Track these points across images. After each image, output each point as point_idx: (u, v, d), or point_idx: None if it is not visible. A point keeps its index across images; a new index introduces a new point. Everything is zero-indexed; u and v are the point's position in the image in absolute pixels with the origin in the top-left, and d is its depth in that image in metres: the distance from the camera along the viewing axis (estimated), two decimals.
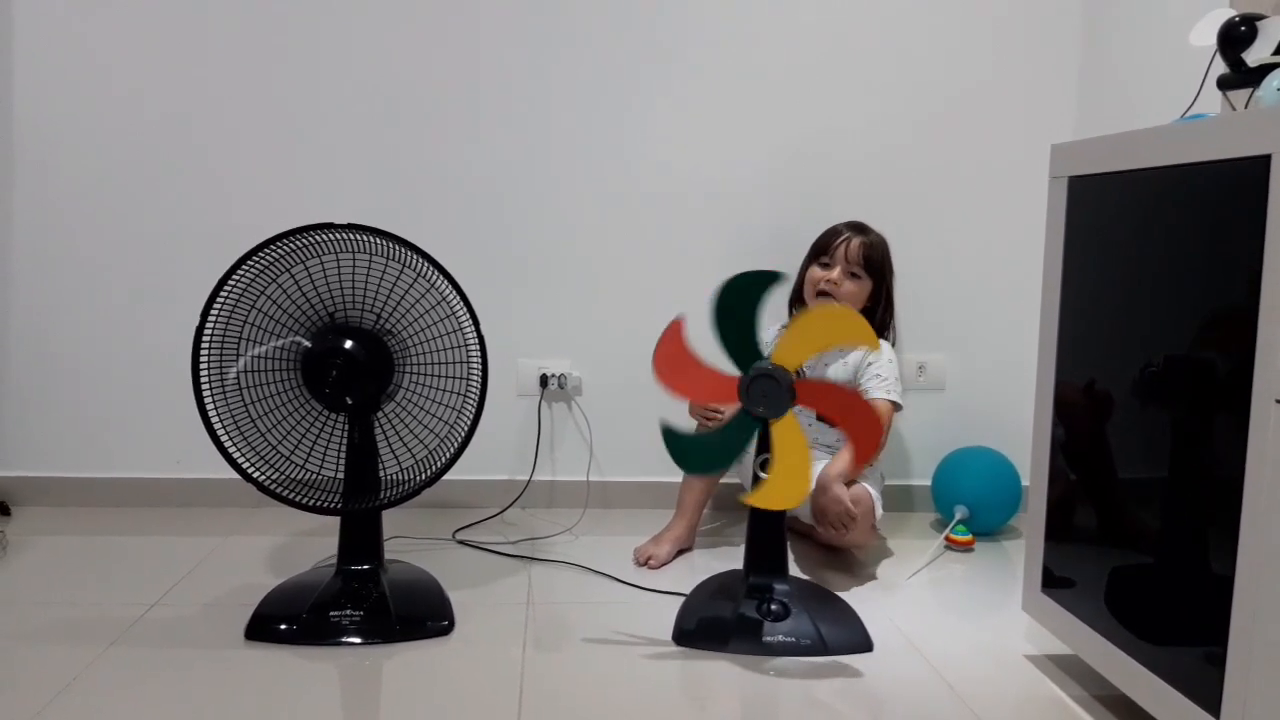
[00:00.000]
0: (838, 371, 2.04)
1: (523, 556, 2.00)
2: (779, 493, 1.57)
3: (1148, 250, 1.28)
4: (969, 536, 2.11)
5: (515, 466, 2.32)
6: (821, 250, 2.07)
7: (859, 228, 2.07)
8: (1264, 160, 1.05)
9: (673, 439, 1.61)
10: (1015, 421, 2.11)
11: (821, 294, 2.04)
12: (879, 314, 2.08)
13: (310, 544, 2.01)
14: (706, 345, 1.58)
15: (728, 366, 1.57)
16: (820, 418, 2.01)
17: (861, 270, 2.04)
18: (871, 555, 2.05)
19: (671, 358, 1.59)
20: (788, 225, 2.19)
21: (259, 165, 2.23)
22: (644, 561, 1.95)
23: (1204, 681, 1.14)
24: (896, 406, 1.99)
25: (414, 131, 2.24)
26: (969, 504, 2.13)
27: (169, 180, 2.22)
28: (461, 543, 2.08)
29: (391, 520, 2.08)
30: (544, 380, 2.30)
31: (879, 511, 1.97)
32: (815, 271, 2.06)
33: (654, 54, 2.25)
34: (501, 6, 2.22)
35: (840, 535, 1.88)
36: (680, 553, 2.01)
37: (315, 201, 2.21)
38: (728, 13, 2.25)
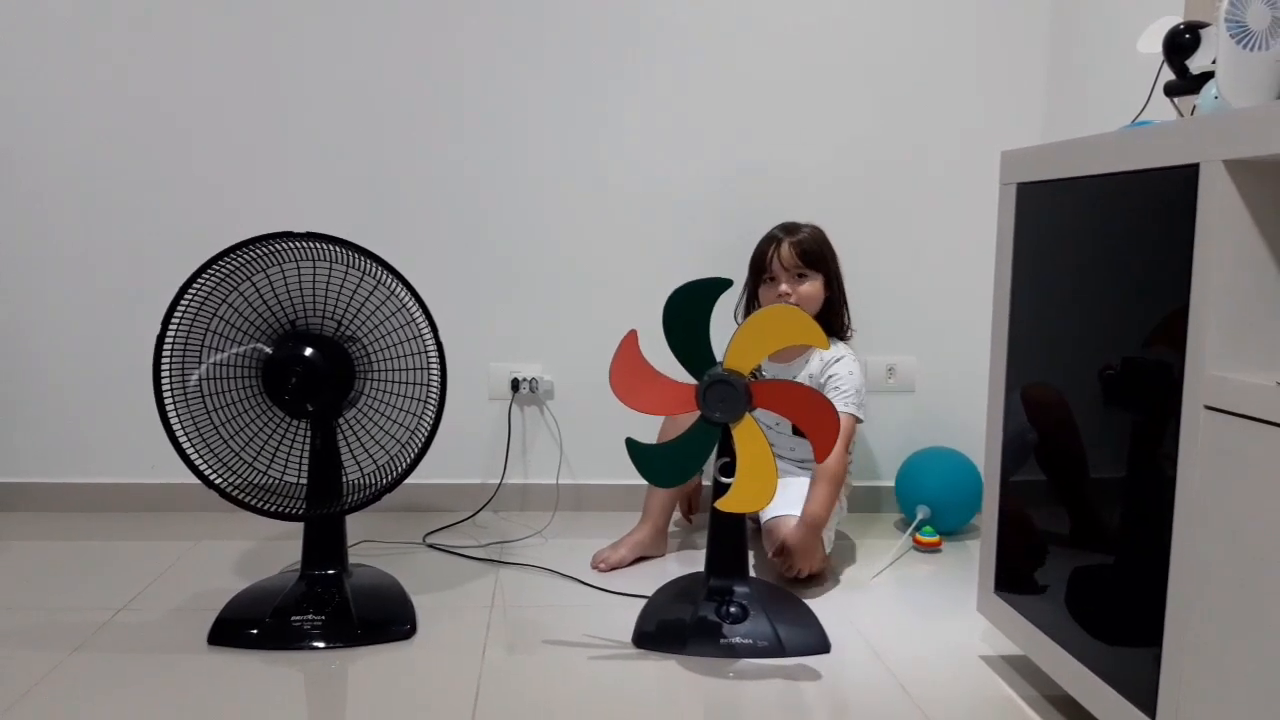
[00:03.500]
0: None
1: (491, 560, 2.02)
2: (745, 496, 1.58)
3: (1092, 256, 1.29)
4: (936, 538, 2.12)
5: (487, 470, 2.33)
6: (760, 268, 2.06)
7: (787, 228, 2.06)
8: (1192, 169, 1.06)
9: (636, 451, 1.63)
10: (983, 424, 2.12)
11: None
12: (836, 301, 2.07)
13: (281, 548, 2.03)
14: (664, 356, 1.60)
15: (685, 376, 1.59)
16: (797, 431, 2.02)
17: (805, 268, 2.02)
18: (837, 556, 2.06)
19: (628, 371, 1.60)
20: (757, 229, 2.20)
21: (233, 170, 2.24)
22: (595, 564, 1.97)
23: (1141, 682, 1.15)
24: (857, 420, 1.97)
25: (388, 139, 2.25)
26: (931, 504, 2.15)
27: (145, 186, 2.24)
28: (432, 546, 2.10)
29: (363, 524, 2.11)
30: (515, 384, 2.31)
31: (830, 541, 1.96)
32: (767, 293, 2.05)
33: (625, 63, 2.26)
34: (476, 15, 2.23)
35: (792, 575, 1.88)
36: (645, 558, 2.02)
37: (289, 206, 2.23)
38: (698, 23, 2.26)
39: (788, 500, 1.88)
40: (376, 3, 2.22)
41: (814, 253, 2.03)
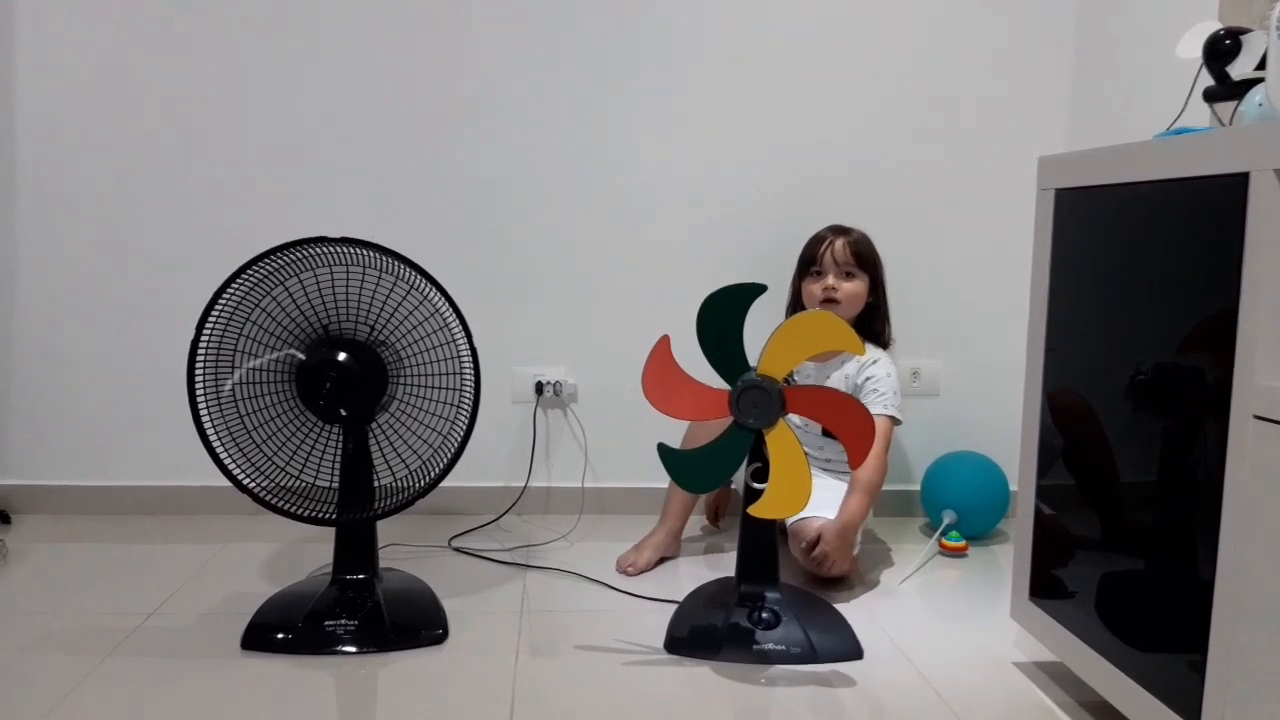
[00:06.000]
0: (837, 385, 2.02)
1: (518, 564, 2.02)
2: (779, 501, 1.57)
3: (1132, 263, 1.29)
4: (962, 543, 2.12)
5: (511, 473, 2.33)
6: (810, 261, 2.07)
7: (839, 229, 2.08)
8: (1242, 178, 1.06)
9: (669, 457, 1.62)
10: (1008, 428, 2.12)
11: (826, 303, 2.03)
12: (880, 308, 2.10)
13: (308, 551, 2.03)
14: (696, 360, 1.59)
15: (718, 381, 1.58)
16: (826, 432, 2.02)
17: (855, 268, 2.05)
18: (864, 560, 2.05)
19: (660, 377, 1.60)
20: (782, 233, 2.20)
21: (257, 177, 2.24)
22: (623, 569, 1.96)
23: (1184, 689, 1.15)
24: (895, 421, 1.99)
25: (410, 143, 2.25)
26: (956, 508, 2.15)
27: (169, 193, 2.24)
28: (457, 550, 2.10)
29: (388, 527, 2.09)
30: (539, 387, 2.31)
31: (858, 545, 1.95)
32: (811, 286, 2.06)
33: (647, 63, 2.26)
34: (497, 18, 2.23)
35: (824, 572, 1.88)
36: (664, 559, 2.02)
37: (312, 213, 2.23)
38: (721, 24, 2.26)
39: (814, 502, 1.87)
40: (396, 9, 2.22)
41: (865, 254, 2.06)
